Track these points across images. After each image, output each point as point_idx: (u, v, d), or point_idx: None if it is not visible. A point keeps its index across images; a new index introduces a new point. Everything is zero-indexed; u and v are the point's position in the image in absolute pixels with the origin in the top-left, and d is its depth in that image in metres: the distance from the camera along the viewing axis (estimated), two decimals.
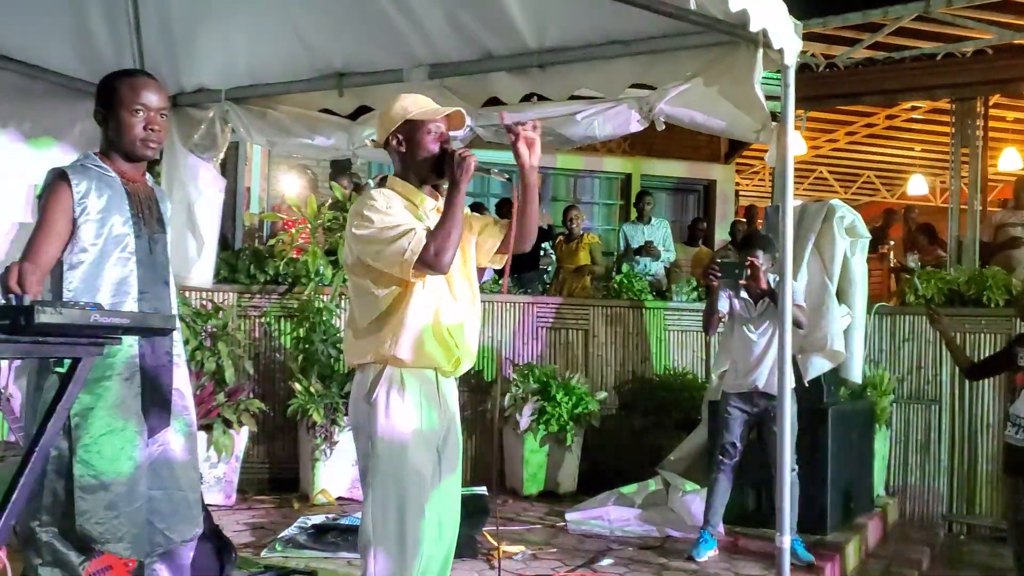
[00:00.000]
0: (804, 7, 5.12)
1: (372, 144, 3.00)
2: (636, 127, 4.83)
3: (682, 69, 4.57)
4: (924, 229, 9.99)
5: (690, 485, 5.76)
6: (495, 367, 6.98)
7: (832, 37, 8.61)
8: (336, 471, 6.13)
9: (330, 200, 6.89)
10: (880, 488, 6.70)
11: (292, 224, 6.94)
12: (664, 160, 11.63)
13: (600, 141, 5.77)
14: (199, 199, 5.46)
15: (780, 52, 4.20)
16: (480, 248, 3.13)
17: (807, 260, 5.85)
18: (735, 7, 3.43)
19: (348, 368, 3.04)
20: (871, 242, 6.32)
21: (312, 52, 5.10)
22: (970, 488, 6.72)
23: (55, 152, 5.33)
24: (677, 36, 4.35)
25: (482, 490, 5.67)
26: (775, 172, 4.87)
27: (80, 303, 2.36)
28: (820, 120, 12.47)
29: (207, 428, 5.74)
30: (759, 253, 4.86)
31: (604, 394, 6.92)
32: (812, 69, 8.85)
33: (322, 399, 6.04)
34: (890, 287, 8.88)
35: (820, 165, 15.81)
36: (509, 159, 2.95)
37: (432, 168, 2.97)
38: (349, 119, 5.49)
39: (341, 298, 6.50)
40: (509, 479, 6.71)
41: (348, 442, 6.07)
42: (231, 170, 8.88)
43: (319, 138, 5.42)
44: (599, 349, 7.33)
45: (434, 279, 2.89)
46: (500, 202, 9.43)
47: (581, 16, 4.45)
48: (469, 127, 5.13)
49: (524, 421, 6.42)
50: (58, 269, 2.81)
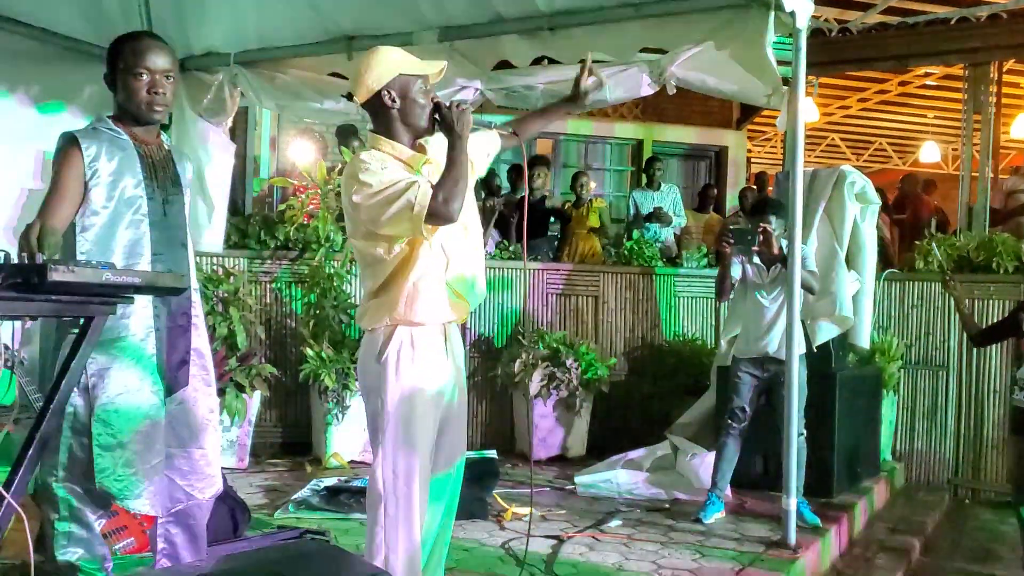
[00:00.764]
0: None
1: (350, 100, 2.92)
2: (647, 91, 4.83)
3: (693, 32, 4.56)
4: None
5: (698, 449, 5.79)
6: (505, 333, 7.00)
7: (845, 1, 8.53)
8: (348, 435, 6.18)
9: (340, 164, 6.88)
10: (887, 453, 6.73)
11: (302, 189, 6.95)
12: (675, 126, 11.57)
13: (611, 105, 5.76)
14: (209, 164, 5.48)
15: (792, 16, 4.19)
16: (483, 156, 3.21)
17: (816, 226, 5.84)
18: None
19: (361, 333, 3.04)
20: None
21: (321, 15, 5.09)
22: (976, 453, 6.73)
23: (65, 116, 5.34)
24: None
25: (492, 453, 5.73)
26: (786, 138, 4.85)
27: (92, 262, 2.38)
28: (832, 86, 12.39)
29: (220, 392, 5.78)
30: (772, 219, 4.84)
31: (614, 360, 6.95)
32: (825, 34, 8.77)
33: (333, 364, 6.08)
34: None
35: (832, 132, 15.72)
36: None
37: (427, 123, 2.93)
38: None
39: (351, 263, 6.52)
40: (519, 443, 6.75)
41: (360, 406, 6.11)
42: (240, 135, 8.88)
43: (328, 102, 5.42)
44: (609, 315, 7.34)
45: (438, 235, 2.87)
46: (511, 167, 9.41)
47: None
48: (478, 90, 5.13)
49: (534, 386, 6.46)
50: (71, 232, 2.83)
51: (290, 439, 6.62)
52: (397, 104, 2.88)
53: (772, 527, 4.68)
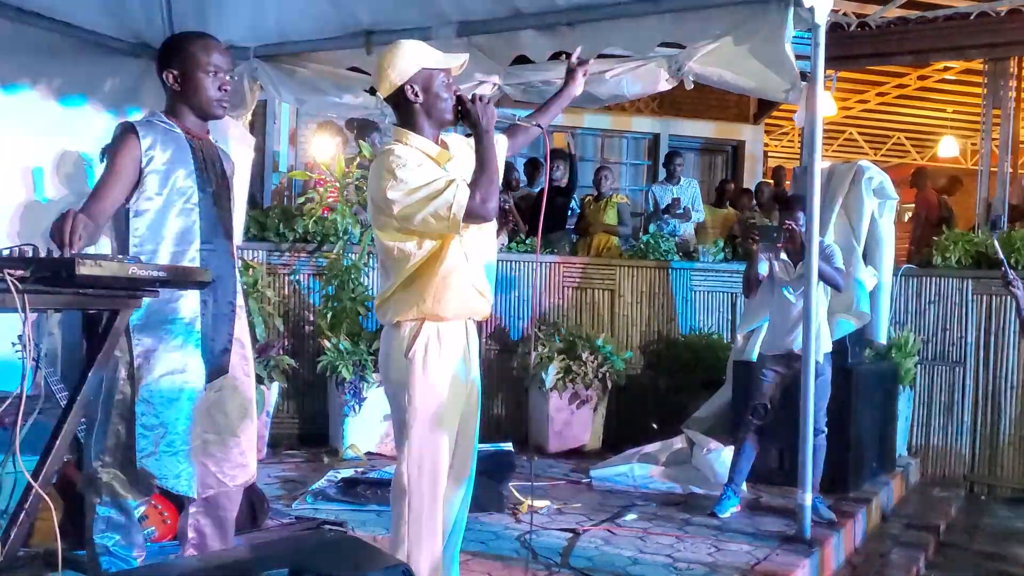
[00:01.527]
0: None
1: (372, 95, 2.96)
2: (665, 86, 4.83)
3: (712, 27, 4.55)
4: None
5: (714, 443, 5.80)
6: (522, 326, 7.03)
7: None
8: (365, 426, 6.21)
9: (358, 158, 6.91)
10: (903, 448, 6.73)
11: (321, 183, 6.98)
12: (692, 120, 11.56)
13: (628, 100, 5.76)
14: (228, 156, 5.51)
15: (811, 11, 4.18)
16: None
17: (834, 221, 5.84)
18: None
19: (379, 325, 3.04)
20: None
21: (340, 10, 5.11)
22: (992, 449, 6.72)
23: (87, 109, 5.37)
24: None
25: (508, 446, 5.75)
26: (804, 133, 4.85)
27: (119, 256, 2.43)
28: (851, 80, 12.34)
29: None
30: (799, 215, 4.81)
31: (630, 353, 6.96)
32: (843, 28, 8.74)
33: (351, 356, 6.12)
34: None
35: (850, 126, 15.66)
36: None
37: (451, 116, 2.93)
38: None
39: (369, 256, 6.55)
40: (535, 436, 6.78)
41: (377, 398, 6.15)
42: (259, 128, 8.92)
43: (347, 96, 5.45)
44: (625, 309, 7.35)
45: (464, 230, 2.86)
46: (528, 161, 9.42)
47: None
48: (496, 85, 5.14)
49: (550, 379, 6.48)
50: (124, 216, 2.91)
51: (307, 430, 6.67)
52: (420, 98, 2.87)
53: (787, 522, 4.69)
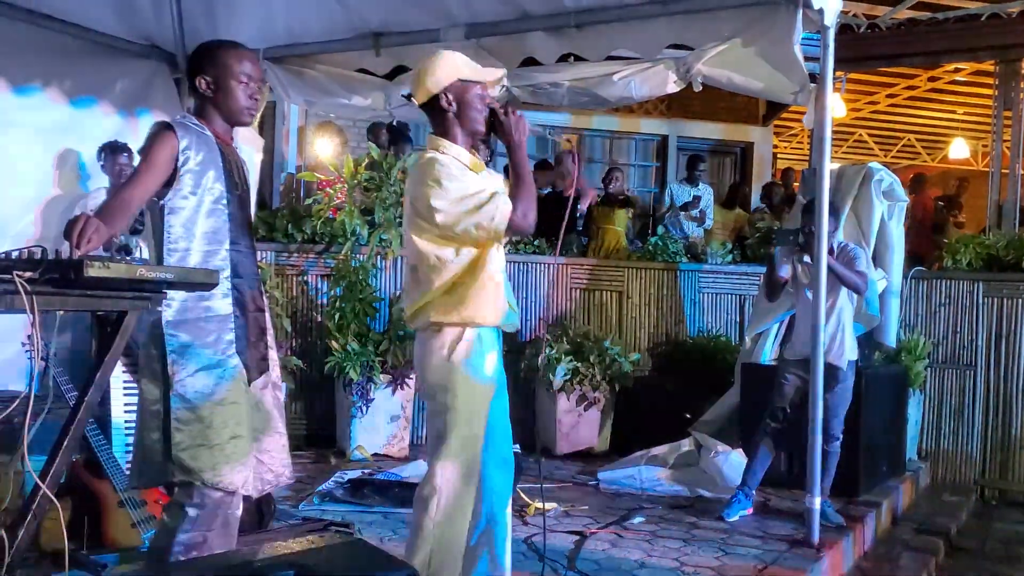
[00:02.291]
0: None
1: (409, 101, 2.99)
2: (673, 88, 4.82)
3: (720, 29, 4.54)
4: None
5: (721, 446, 5.79)
6: (529, 327, 7.02)
7: None
8: (372, 428, 6.21)
9: (367, 159, 6.92)
10: (913, 452, 6.70)
11: (329, 184, 6.99)
12: (701, 122, 11.54)
13: (637, 102, 5.75)
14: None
15: (820, 13, 4.16)
16: None
17: (843, 223, 5.82)
18: None
19: (413, 329, 3.05)
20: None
21: (349, 12, 5.12)
22: (1004, 453, 6.69)
23: (97, 111, 5.40)
24: None
25: (515, 448, 5.73)
26: (812, 135, 4.83)
27: (128, 258, 2.43)
28: (860, 82, 12.30)
29: None
30: None
31: (637, 355, 6.95)
32: (853, 30, 8.71)
33: (359, 357, 6.12)
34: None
35: (860, 128, 15.61)
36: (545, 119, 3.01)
37: (483, 127, 3.00)
38: (386, 79, 5.52)
39: (377, 258, 6.56)
40: (542, 438, 6.77)
41: (384, 399, 6.16)
42: (268, 130, 8.94)
43: (356, 97, 5.46)
44: (633, 311, 7.34)
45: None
46: (537, 163, 9.41)
47: None
48: (505, 87, 5.15)
49: (558, 381, 6.47)
50: (160, 213, 2.93)
51: (315, 431, 6.67)
52: (453, 107, 2.94)
53: (796, 525, 4.68)
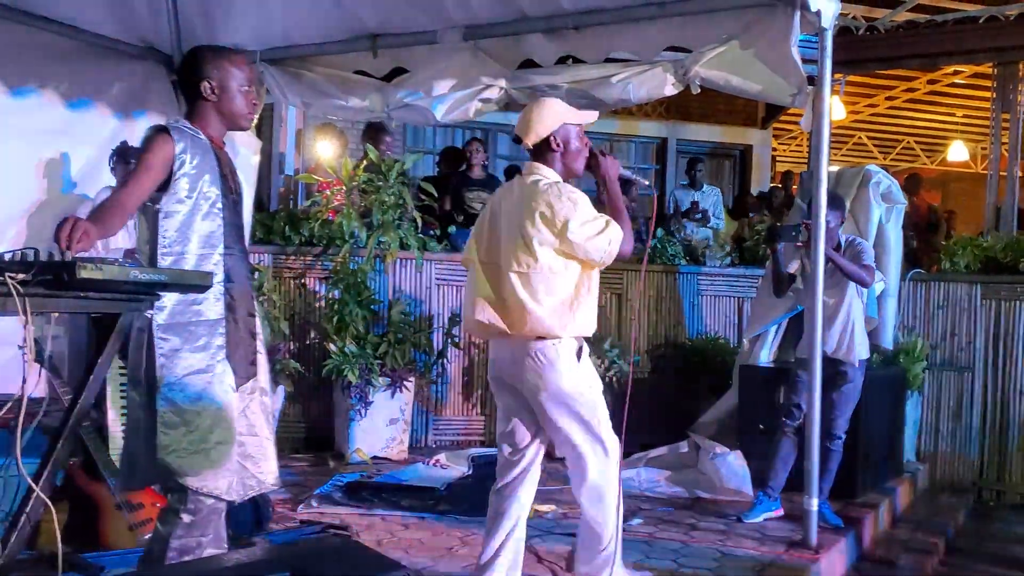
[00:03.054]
0: None
1: (517, 143, 3.43)
2: (671, 90, 4.81)
3: (718, 31, 4.54)
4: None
5: (720, 448, 5.78)
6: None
7: None
8: (371, 430, 6.20)
9: (365, 161, 6.91)
10: (911, 454, 6.69)
11: (327, 186, 6.98)
12: (700, 124, 11.54)
13: (635, 104, 5.75)
14: (235, 160, 5.51)
15: (818, 15, 4.16)
16: None
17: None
18: None
19: (524, 337, 3.31)
20: None
21: (346, 13, 5.11)
22: (1001, 455, 6.68)
23: (93, 112, 5.38)
24: None
25: None
26: (811, 137, 4.83)
27: (121, 260, 2.43)
28: (859, 84, 12.30)
29: None
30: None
31: (637, 358, 6.94)
32: (852, 32, 8.71)
33: (357, 359, 6.11)
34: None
35: (859, 130, 15.61)
36: None
37: (582, 166, 3.43)
38: (383, 80, 5.50)
39: (375, 260, 6.55)
40: None
41: (383, 402, 6.15)
42: (266, 132, 8.92)
43: (353, 99, 5.44)
44: (632, 313, 7.33)
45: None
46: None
47: None
48: (503, 89, 5.14)
49: None
50: (154, 217, 2.93)
51: (313, 434, 6.65)
52: (561, 148, 3.37)
53: (794, 527, 4.67)
